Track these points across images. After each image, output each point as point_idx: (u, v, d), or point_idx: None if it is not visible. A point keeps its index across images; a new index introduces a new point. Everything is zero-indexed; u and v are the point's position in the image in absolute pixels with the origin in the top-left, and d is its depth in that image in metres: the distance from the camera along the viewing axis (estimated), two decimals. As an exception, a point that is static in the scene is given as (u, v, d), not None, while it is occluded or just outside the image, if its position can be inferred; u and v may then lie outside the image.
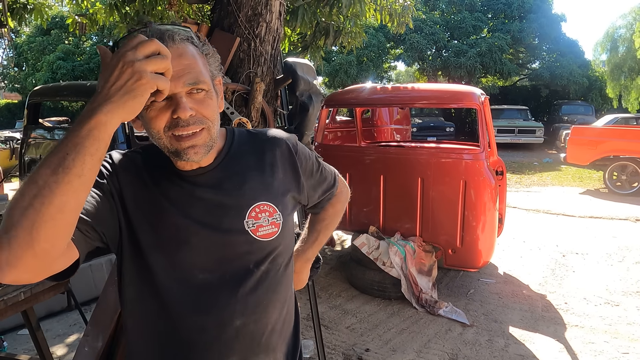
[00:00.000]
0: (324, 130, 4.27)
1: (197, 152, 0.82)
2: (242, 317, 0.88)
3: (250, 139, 0.97)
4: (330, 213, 1.18)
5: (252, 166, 0.93)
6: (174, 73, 0.75)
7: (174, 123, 0.79)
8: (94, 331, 2.03)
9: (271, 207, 0.91)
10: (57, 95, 5.32)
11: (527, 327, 3.14)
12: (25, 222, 0.61)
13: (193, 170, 0.89)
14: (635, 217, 6.13)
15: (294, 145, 1.00)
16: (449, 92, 3.96)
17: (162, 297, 0.86)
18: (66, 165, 0.63)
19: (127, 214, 0.85)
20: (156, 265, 0.85)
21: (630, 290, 3.76)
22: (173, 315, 0.87)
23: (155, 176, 0.88)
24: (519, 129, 14.12)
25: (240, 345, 0.89)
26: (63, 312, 3.27)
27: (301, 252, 1.19)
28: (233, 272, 0.88)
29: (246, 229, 0.88)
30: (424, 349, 2.86)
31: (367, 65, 17.12)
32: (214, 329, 0.87)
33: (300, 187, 1.00)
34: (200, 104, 0.81)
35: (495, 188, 3.47)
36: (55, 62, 16.99)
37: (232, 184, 0.90)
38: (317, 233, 1.19)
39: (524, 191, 8.37)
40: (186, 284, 0.86)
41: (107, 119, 0.65)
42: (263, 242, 0.90)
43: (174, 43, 0.78)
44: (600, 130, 8.84)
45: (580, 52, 18.36)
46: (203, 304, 0.86)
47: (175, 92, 0.77)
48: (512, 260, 4.55)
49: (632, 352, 2.80)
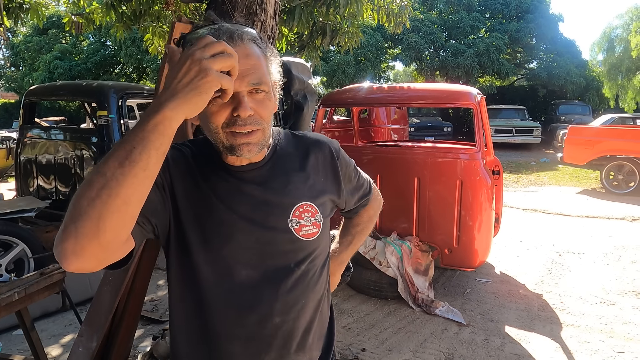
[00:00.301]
0: (320, 130, 4.26)
1: (250, 150, 0.84)
2: (281, 315, 0.90)
3: (295, 141, 1.00)
4: (364, 219, 1.21)
5: (297, 167, 0.96)
6: (240, 72, 0.76)
7: (233, 121, 0.81)
8: (88, 331, 2.02)
9: (313, 207, 0.94)
10: (53, 94, 5.30)
11: (523, 327, 3.14)
12: (92, 212, 0.64)
13: (243, 165, 0.91)
14: (632, 217, 6.14)
15: (336, 151, 1.03)
16: (446, 91, 3.96)
17: (205, 292, 0.88)
18: (133, 159, 0.65)
19: (177, 208, 0.87)
20: (201, 260, 0.88)
21: (626, 289, 3.77)
22: (215, 310, 0.89)
23: (204, 171, 0.90)
24: (516, 128, 14.15)
25: (278, 343, 0.91)
26: (58, 313, 3.26)
27: (336, 255, 1.22)
28: (274, 270, 0.90)
29: (290, 227, 0.91)
30: (420, 348, 2.86)
31: (365, 65, 17.12)
32: (254, 325, 0.89)
33: (340, 192, 1.03)
34: (259, 104, 0.83)
35: (492, 188, 3.48)
36: (52, 62, 16.95)
37: (278, 183, 0.92)
38: (351, 237, 1.22)
39: (521, 191, 8.38)
40: (229, 280, 0.88)
41: (172, 115, 0.67)
42: (305, 241, 0.92)
43: (242, 42, 0.80)
44: (597, 130, 8.87)
45: (577, 52, 18.40)
46: (245, 300, 0.89)
47: (238, 91, 0.80)
48: (508, 259, 4.55)
49: (627, 352, 2.81)
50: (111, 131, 4.10)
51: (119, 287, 1.99)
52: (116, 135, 4.13)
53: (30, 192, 4.67)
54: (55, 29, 18.24)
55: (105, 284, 2.03)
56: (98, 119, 4.16)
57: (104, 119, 4.07)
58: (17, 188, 4.94)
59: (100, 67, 18.35)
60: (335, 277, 1.23)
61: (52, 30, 18.37)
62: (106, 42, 18.53)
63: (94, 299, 2.07)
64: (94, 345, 2.00)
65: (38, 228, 3.87)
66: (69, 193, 4.40)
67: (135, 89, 4.54)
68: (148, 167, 0.66)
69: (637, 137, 7.69)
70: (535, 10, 17.51)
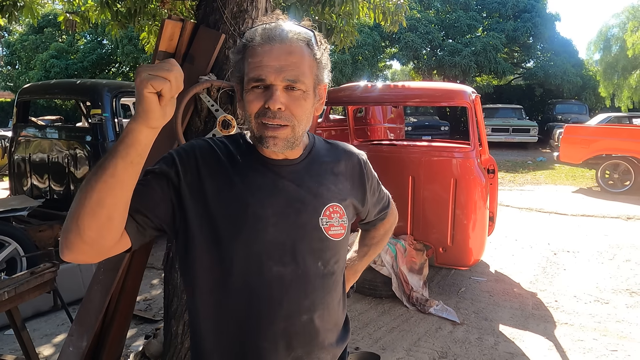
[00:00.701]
0: (315, 129, 4.26)
1: (276, 144, 0.87)
2: (308, 313, 0.93)
3: (328, 146, 1.04)
4: (380, 232, 1.24)
5: (329, 170, 0.99)
6: (278, 66, 0.84)
7: (264, 112, 0.86)
8: (79, 331, 2.01)
9: (341, 209, 0.97)
10: (47, 93, 5.28)
11: (517, 325, 3.15)
12: (73, 213, 0.75)
13: (280, 160, 0.94)
14: (627, 216, 6.16)
15: (364, 162, 1.07)
16: (440, 90, 3.96)
17: (236, 286, 0.90)
18: (102, 166, 0.75)
19: (207, 203, 0.89)
20: (232, 255, 0.89)
21: (620, 288, 3.78)
22: (245, 305, 0.90)
23: (240, 165, 0.93)
24: (513, 127, 14.18)
25: (304, 340, 0.93)
26: (51, 312, 3.24)
27: (351, 264, 1.24)
28: (304, 268, 0.92)
29: (320, 225, 0.93)
30: (413, 347, 2.86)
31: (362, 64, 17.10)
32: (283, 321, 0.91)
33: (364, 201, 1.06)
34: (294, 101, 0.87)
35: (486, 186, 3.48)
36: (48, 61, 16.87)
37: (311, 182, 0.95)
38: (367, 248, 1.25)
39: (517, 190, 8.40)
40: (260, 275, 0.90)
41: (133, 127, 0.75)
42: (333, 241, 0.95)
43: (286, 40, 0.86)
44: (593, 129, 8.89)
45: (574, 52, 18.45)
46: (275, 296, 0.90)
47: (273, 83, 0.85)
48: (503, 258, 4.56)
49: (620, 350, 2.81)
50: (105, 130, 4.08)
51: (109, 287, 1.98)
52: (110, 134, 4.11)
53: (24, 191, 4.65)
54: (51, 28, 18.15)
55: (96, 283, 2.02)
56: (92, 117, 4.14)
57: (98, 118, 4.05)
58: (10, 187, 4.92)
59: (96, 66, 18.28)
60: (348, 285, 1.24)
61: (49, 28, 18.28)
62: (103, 40, 18.46)
63: (84, 298, 2.06)
64: (84, 344, 2.00)
65: (31, 227, 3.85)
66: (62, 192, 4.38)
67: (130, 88, 4.51)
68: (115, 173, 0.74)
69: (633, 136, 7.71)
70: (532, 9, 17.54)
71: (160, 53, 1.88)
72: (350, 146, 1.08)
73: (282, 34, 0.86)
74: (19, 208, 3.59)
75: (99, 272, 2.02)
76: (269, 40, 0.86)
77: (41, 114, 16.04)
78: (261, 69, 0.85)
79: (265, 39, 0.86)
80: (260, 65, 0.85)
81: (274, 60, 0.85)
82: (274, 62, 0.85)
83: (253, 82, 0.86)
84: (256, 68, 0.85)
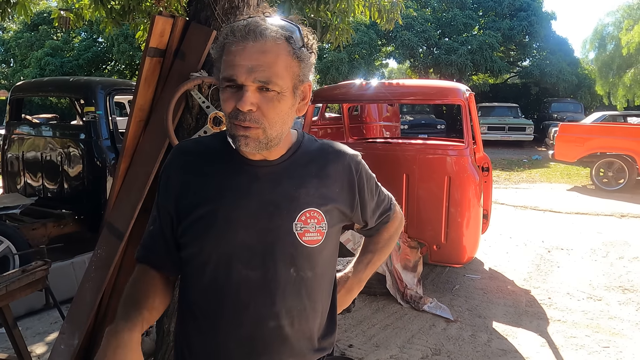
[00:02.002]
0: (310, 126, 4.25)
1: (247, 144, 0.85)
2: (277, 319, 0.91)
3: (317, 147, 1.00)
4: (384, 237, 1.18)
5: (313, 174, 0.95)
6: (250, 66, 0.81)
7: (235, 113, 0.84)
8: (70, 329, 2.01)
9: (320, 214, 0.93)
10: (40, 90, 5.25)
11: (511, 322, 3.16)
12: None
13: (257, 160, 0.92)
14: (621, 213, 6.19)
15: (356, 164, 1.02)
16: (435, 88, 3.97)
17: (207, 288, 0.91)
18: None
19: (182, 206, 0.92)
20: (203, 256, 0.90)
21: (612, 285, 3.80)
22: (216, 306, 0.91)
23: (217, 165, 0.93)
24: (509, 126, 14.22)
25: (271, 346, 0.92)
26: (44, 310, 3.23)
27: (354, 272, 1.19)
28: (274, 273, 0.90)
29: (294, 231, 0.90)
30: (407, 344, 2.86)
31: (358, 63, 17.10)
32: (250, 326, 0.90)
33: (353, 206, 1.01)
34: (267, 102, 0.83)
35: (480, 184, 3.48)
36: (43, 59, 16.77)
37: (289, 185, 0.92)
38: (371, 255, 1.19)
39: (513, 188, 8.42)
40: (229, 277, 0.89)
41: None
42: (307, 247, 0.91)
43: (261, 39, 0.81)
44: (587, 127, 8.93)
45: (569, 50, 18.51)
46: (243, 299, 0.89)
47: (244, 84, 0.82)
48: (498, 256, 4.57)
49: (612, 346, 2.83)
50: (99, 128, 4.06)
51: (100, 285, 1.97)
52: (104, 132, 4.09)
53: (17, 189, 4.62)
54: (46, 25, 18.04)
55: (87, 281, 2.02)
56: (85, 115, 4.12)
57: (92, 116, 4.03)
58: (3, 185, 4.89)
59: (92, 63, 18.18)
60: (351, 294, 1.19)
61: (43, 26, 18.16)
62: (98, 38, 18.36)
63: (76, 297, 2.06)
64: (75, 342, 1.99)
65: (24, 225, 3.83)
66: (56, 190, 4.36)
67: (124, 85, 4.50)
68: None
69: (627, 135, 7.76)
70: (528, 8, 17.57)
71: (150, 49, 1.87)
72: (343, 147, 1.03)
73: (257, 31, 0.82)
74: (12, 206, 3.57)
75: (90, 269, 2.02)
76: (243, 38, 0.82)
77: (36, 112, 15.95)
78: (233, 68, 0.82)
79: (240, 37, 0.82)
80: (232, 64, 0.82)
81: (246, 59, 0.81)
82: (245, 62, 0.81)
83: (226, 82, 0.84)
84: (229, 67, 0.83)
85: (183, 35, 1.96)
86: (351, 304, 1.26)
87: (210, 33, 1.87)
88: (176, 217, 0.93)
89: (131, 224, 1.95)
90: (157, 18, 1.81)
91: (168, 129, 1.84)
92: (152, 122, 1.98)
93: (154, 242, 0.98)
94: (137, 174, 1.97)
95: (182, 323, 0.98)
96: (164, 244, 0.96)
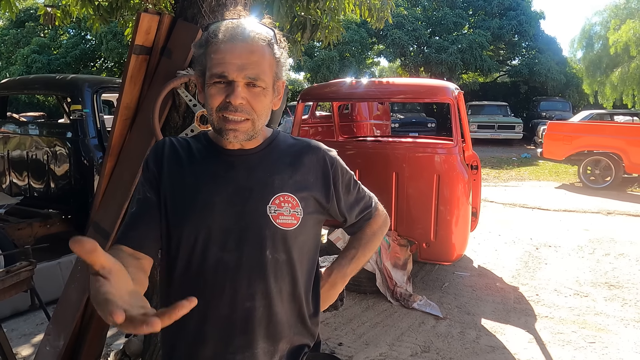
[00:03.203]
0: (299, 125, 4.24)
1: (236, 136, 0.93)
2: (252, 301, 0.94)
3: (292, 142, 1.06)
4: (367, 234, 1.19)
5: (287, 163, 1.01)
6: (240, 64, 0.89)
7: (225, 105, 0.90)
8: (55, 330, 1.98)
9: (294, 199, 0.97)
10: (26, 88, 5.16)
11: (499, 319, 3.19)
12: None
13: (234, 149, 0.98)
14: (607, 211, 6.28)
15: (330, 158, 1.07)
16: (424, 86, 3.98)
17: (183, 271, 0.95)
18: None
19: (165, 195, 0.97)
20: (181, 240, 0.94)
21: (599, 281, 3.85)
22: (192, 290, 0.91)
23: (195, 156, 0.99)
24: (498, 124, 14.35)
25: (246, 327, 0.95)
26: (29, 312, 3.18)
27: (337, 267, 1.19)
28: (249, 255, 0.94)
29: (268, 213, 0.94)
30: (396, 342, 2.88)
31: (349, 61, 17.13)
32: (225, 308, 0.94)
33: (329, 197, 1.04)
34: (254, 97, 0.92)
35: (469, 182, 3.50)
36: (30, 56, 16.54)
37: (264, 172, 0.98)
38: (354, 250, 1.20)
39: (502, 186, 8.50)
40: (205, 260, 0.94)
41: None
42: (281, 230, 0.95)
43: (249, 39, 0.91)
44: (575, 125, 9.04)
45: (558, 49, 18.72)
46: (219, 281, 0.93)
47: (235, 80, 0.90)
48: (487, 253, 4.61)
49: (598, 342, 2.87)
50: (86, 126, 4.00)
51: (86, 285, 1.95)
52: (91, 131, 4.03)
53: (2, 188, 4.55)
54: (32, 22, 17.78)
55: (73, 281, 1.99)
56: (72, 113, 4.06)
57: (78, 114, 3.97)
58: (-11, 185, 4.81)
59: (80, 61, 17.97)
60: (336, 289, 1.19)
61: (30, 23, 17.90)
62: (86, 35, 18.13)
63: (61, 297, 2.03)
64: (61, 343, 1.97)
65: (9, 225, 3.77)
66: (42, 190, 4.30)
67: (111, 83, 4.44)
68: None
69: (613, 133, 7.86)
70: (517, 7, 17.74)
71: (136, 47, 1.85)
72: (318, 143, 1.09)
73: (244, 33, 0.90)
74: (-3, 206, 3.51)
75: (76, 269, 1.99)
76: (232, 38, 0.90)
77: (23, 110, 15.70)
78: (224, 65, 0.89)
79: (229, 37, 0.90)
80: (223, 62, 0.89)
81: (237, 58, 0.89)
82: (236, 60, 0.89)
83: (216, 78, 0.90)
84: (219, 64, 0.90)
85: (170, 33, 1.94)
86: (339, 301, 1.25)
87: (197, 31, 1.86)
88: (157, 204, 0.97)
89: (118, 223, 1.93)
90: (143, 15, 1.79)
91: (154, 128, 1.82)
92: (139, 121, 1.96)
93: (135, 222, 0.99)
94: (123, 173, 1.95)
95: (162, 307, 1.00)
96: (148, 221, 0.97)
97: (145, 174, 1.00)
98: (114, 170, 1.99)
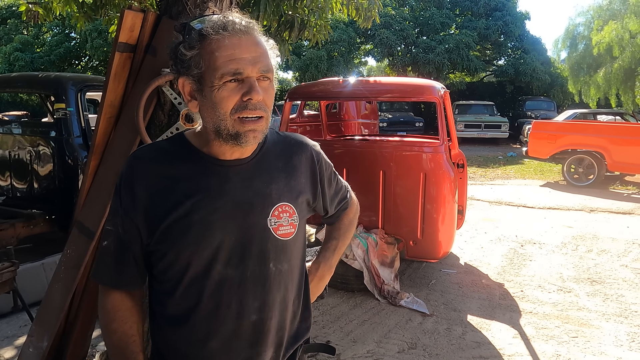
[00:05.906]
0: (287, 123, 4.24)
1: (255, 137, 0.86)
2: (258, 314, 0.93)
3: (280, 140, 1.02)
4: (345, 223, 1.22)
5: (280, 167, 0.97)
6: (251, 58, 0.83)
7: (243, 105, 0.83)
8: (39, 331, 1.96)
9: (291, 208, 0.96)
10: (8, 86, 5.06)
11: (485, 315, 3.23)
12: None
13: (227, 160, 0.92)
14: (590, 208, 6.40)
15: (317, 153, 1.06)
16: (410, 85, 4.01)
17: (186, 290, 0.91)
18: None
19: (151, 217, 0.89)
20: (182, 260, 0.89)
21: (581, 277, 3.93)
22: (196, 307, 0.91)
23: (183, 170, 0.91)
24: (485, 124, 14.51)
25: (254, 340, 0.94)
26: (12, 314, 3.13)
27: (323, 260, 1.20)
28: (252, 269, 0.92)
29: (269, 227, 0.93)
30: (384, 339, 2.90)
31: (337, 60, 17.14)
32: (232, 323, 0.92)
33: (316, 194, 1.05)
34: (265, 91, 0.86)
35: (455, 181, 3.54)
36: (12, 54, 16.21)
37: (260, 182, 0.94)
38: (335, 241, 1.22)
39: (488, 184, 8.60)
40: (209, 278, 0.90)
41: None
42: (282, 241, 0.94)
43: (250, 31, 0.85)
44: (559, 124, 9.19)
45: (543, 50, 18.98)
46: (224, 298, 0.91)
47: (250, 76, 0.83)
48: (473, 251, 4.66)
49: (580, 336, 2.93)
50: (70, 125, 3.94)
51: (70, 285, 1.93)
52: (75, 130, 3.98)
53: (-16, 189, 4.46)
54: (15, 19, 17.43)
55: (56, 282, 1.97)
56: (56, 112, 4.00)
57: (62, 112, 3.92)
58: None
59: (64, 59, 17.67)
60: (323, 281, 1.21)
61: (12, 20, 17.55)
62: (71, 33, 17.84)
63: (44, 298, 2.00)
64: (44, 344, 1.94)
65: (-9, 226, 3.71)
66: (25, 190, 4.22)
67: (96, 81, 4.38)
68: None
69: (596, 132, 8.00)
70: (503, 7, 17.95)
71: (120, 44, 1.83)
72: (302, 137, 1.07)
73: (243, 26, 0.84)
74: (-22, 206, 3.44)
75: (59, 270, 1.97)
76: (234, 32, 0.83)
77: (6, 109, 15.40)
78: (237, 62, 0.82)
79: (230, 32, 0.83)
80: (233, 58, 0.82)
81: (246, 52, 0.83)
82: (246, 54, 0.83)
83: (229, 76, 0.82)
84: (230, 61, 0.82)
85: (154, 31, 1.92)
86: (324, 290, 1.28)
87: (182, 28, 1.84)
88: (146, 229, 0.90)
89: (102, 222, 1.91)
90: (127, 12, 1.77)
91: (139, 126, 1.80)
92: (123, 119, 1.94)
93: (121, 263, 0.93)
94: (107, 172, 1.93)
95: (158, 326, 0.97)
96: (134, 262, 0.93)
97: (116, 200, 0.92)
98: (98, 169, 1.97)
